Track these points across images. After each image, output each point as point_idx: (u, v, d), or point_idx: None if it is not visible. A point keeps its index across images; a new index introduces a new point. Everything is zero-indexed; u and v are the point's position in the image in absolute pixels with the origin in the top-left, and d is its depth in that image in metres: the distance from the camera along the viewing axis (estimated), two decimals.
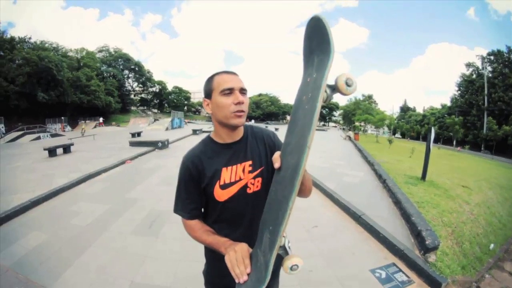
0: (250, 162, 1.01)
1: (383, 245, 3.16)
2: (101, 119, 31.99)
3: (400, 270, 2.70)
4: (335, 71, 0.66)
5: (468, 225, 3.90)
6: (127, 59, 50.42)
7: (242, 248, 0.81)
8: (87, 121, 30.00)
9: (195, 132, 19.09)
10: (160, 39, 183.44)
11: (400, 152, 12.81)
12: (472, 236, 3.64)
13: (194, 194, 1.02)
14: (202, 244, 1.04)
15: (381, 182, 5.69)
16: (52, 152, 8.91)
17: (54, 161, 8.16)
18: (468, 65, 43.25)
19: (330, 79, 0.66)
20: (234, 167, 0.99)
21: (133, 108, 54.11)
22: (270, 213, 0.82)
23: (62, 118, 29.25)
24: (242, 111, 0.93)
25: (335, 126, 56.75)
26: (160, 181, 5.94)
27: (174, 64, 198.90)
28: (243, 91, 0.95)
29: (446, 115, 44.07)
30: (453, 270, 2.70)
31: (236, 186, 0.98)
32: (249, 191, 1.00)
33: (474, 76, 42.14)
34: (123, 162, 7.98)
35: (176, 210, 1.06)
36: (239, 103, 0.92)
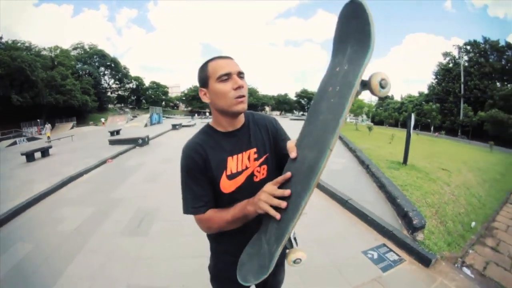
0: (254, 150, 0.98)
1: (372, 228, 3.26)
2: (102, 120, 33.41)
3: (391, 250, 2.80)
4: (317, 61, 0.60)
5: (450, 205, 4.07)
6: (102, 56, 48.87)
7: (265, 189, 0.78)
8: (48, 125, 23.50)
9: (174, 127, 18.66)
10: (137, 34, 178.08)
11: (380, 138, 13.06)
12: (454, 216, 3.80)
13: (204, 183, 0.92)
14: (225, 229, 0.92)
15: (364, 168, 5.77)
16: (30, 156, 8.48)
17: (33, 166, 7.79)
18: (445, 54, 44.67)
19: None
20: (240, 155, 0.95)
21: (110, 106, 52.75)
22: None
23: (38, 120, 27.95)
24: (243, 95, 0.89)
25: None
26: (143, 178, 5.85)
27: (151, 59, 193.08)
28: (240, 74, 0.90)
29: (423, 102, 45.22)
30: (440, 247, 2.82)
31: (243, 176, 0.94)
32: (255, 179, 0.96)
33: (451, 65, 43.52)
34: (104, 162, 7.75)
35: (186, 210, 0.93)
36: (239, 87, 0.87)
